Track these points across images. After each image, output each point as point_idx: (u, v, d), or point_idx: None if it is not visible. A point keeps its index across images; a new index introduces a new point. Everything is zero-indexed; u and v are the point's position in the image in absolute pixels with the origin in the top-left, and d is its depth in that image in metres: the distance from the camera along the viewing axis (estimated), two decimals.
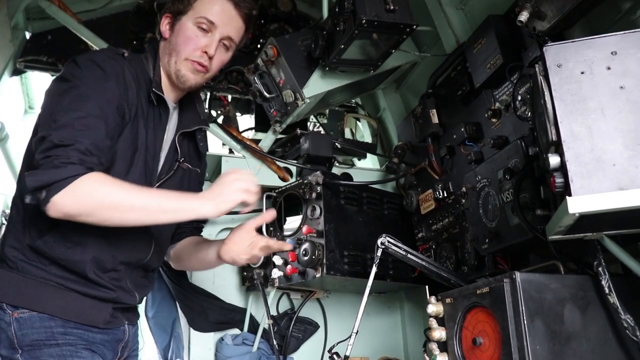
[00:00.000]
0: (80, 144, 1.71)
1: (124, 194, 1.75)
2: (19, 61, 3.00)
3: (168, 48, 2.10)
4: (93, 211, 1.72)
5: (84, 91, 1.82)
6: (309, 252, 2.47)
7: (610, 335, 1.65)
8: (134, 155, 1.96)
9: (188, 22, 2.08)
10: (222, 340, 2.99)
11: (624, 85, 1.41)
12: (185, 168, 2.22)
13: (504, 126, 2.22)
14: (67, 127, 1.73)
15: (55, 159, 1.68)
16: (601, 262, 1.62)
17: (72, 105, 1.79)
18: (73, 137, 1.71)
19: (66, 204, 1.67)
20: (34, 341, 1.80)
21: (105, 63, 1.91)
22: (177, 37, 2.08)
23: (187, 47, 2.07)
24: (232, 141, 2.92)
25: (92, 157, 1.73)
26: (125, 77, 1.94)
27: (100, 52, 2.01)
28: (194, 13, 2.08)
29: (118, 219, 1.76)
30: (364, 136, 3.95)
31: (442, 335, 1.90)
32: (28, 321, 1.80)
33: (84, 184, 1.68)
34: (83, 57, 1.93)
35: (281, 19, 3.37)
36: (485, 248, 2.08)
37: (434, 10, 2.77)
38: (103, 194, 1.71)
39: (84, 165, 1.69)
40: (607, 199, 1.33)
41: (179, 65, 2.08)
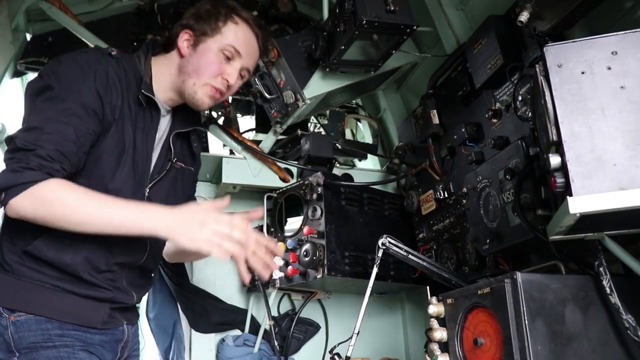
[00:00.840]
0: (41, 150, 1.71)
1: (77, 201, 1.72)
2: (20, 63, 3.01)
3: (186, 68, 2.07)
4: (46, 216, 1.71)
5: (58, 93, 1.81)
6: (309, 253, 2.47)
7: (611, 335, 1.65)
8: (120, 156, 1.94)
9: (214, 46, 2.06)
10: (223, 341, 2.99)
11: (625, 85, 1.41)
12: (179, 167, 2.21)
13: (504, 126, 2.22)
14: (34, 130, 1.74)
15: (16, 162, 1.70)
16: (602, 262, 1.62)
17: (44, 106, 1.79)
18: (36, 142, 1.71)
19: (21, 207, 1.69)
20: (31, 344, 1.79)
21: (87, 65, 1.89)
22: (200, 60, 2.06)
23: (209, 71, 2.05)
24: (233, 142, 2.93)
25: (53, 163, 1.72)
26: (108, 77, 1.92)
27: (85, 53, 1.97)
28: (222, 39, 2.07)
29: (73, 225, 1.73)
30: (364, 137, 3.95)
31: (443, 335, 1.89)
32: (25, 324, 1.80)
33: (40, 190, 1.69)
34: (67, 55, 1.92)
35: (281, 20, 3.37)
36: (486, 248, 2.08)
37: (434, 11, 2.77)
38: (56, 201, 1.70)
39: (42, 171, 1.70)
40: (608, 199, 1.34)
41: (197, 88, 2.06)
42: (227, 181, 2.86)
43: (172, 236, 1.76)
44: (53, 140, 1.73)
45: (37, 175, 1.69)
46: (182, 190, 2.27)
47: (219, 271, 3.11)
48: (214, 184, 3.14)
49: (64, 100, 1.80)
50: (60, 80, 1.83)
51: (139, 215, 1.76)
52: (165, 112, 2.15)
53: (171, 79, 2.10)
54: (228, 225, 1.77)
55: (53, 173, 1.72)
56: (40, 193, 1.69)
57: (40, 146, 1.71)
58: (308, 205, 2.59)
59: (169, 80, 2.10)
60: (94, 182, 1.87)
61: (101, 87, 1.88)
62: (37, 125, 1.75)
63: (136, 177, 2.00)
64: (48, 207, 1.70)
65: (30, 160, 1.69)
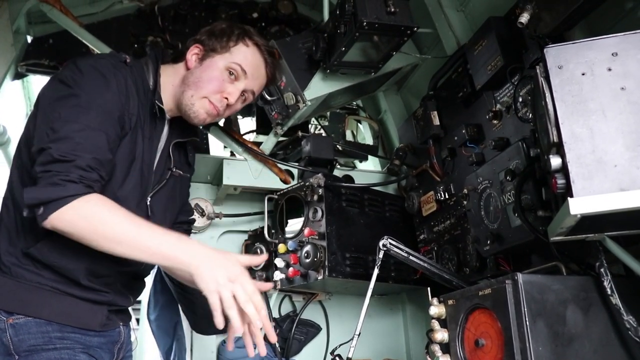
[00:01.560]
0: (80, 160, 1.69)
1: (119, 223, 1.70)
2: (21, 65, 3.01)
3: (189, 80, 2.09)
4: (85, 235, 1.70)
5: (85, 101, 1.79)
6: (310, 255, 2.47)
7: (612, 336, 1.65)
8: (130, 165, 1.95)
9: (220, 62, 2.08)
10: (224, 343, 2.99)
11: (625, 87, 1.41)
12: (177, 175, 2.22)
13: (505, 128, 2.22)
14: (67, 139, 1.71)
15: (54, 175, 1.67)
16: (603, 263, 1.62)
17: (72, 115, 1.76)
18: (73, 152, 1.69)
19: (62, 223, 1.67)
20: (32, 346, 1.78)
21: (109, 71, 1.88)
22: (203, 73, 2.07)
23: (210, 86, 2.07)
24: (234, 144, 2.93)
25: (93, 172, 1.71)
26: (127, 86, 1.92)
27: (104, 59, 1.96)
28: (230, 57, 2.09)
29: (108, 246, 1.72)
30: (365, 138, 3.96)
31: (444, 337, 1.89)
32: (24, 327, 1.79)
33: (82, 207, 1.67)
34: (85, 61, 1.90)
35: (282, 21, 3.38)
36: (487, 249, 2.08)
37: (435, 12, 2.77)
38: (99, 219, 1.69)
39: (83, 184, 1.68)
40: (609, 200, 1.34)
41: (194, 100, 2.07)
42: (228, 183, 2.86)
43: (196, 277, 1.72)
44: (89, 149, 1.72)
45: (79, 189, 1.67)
46: (179, 198, 2.29)
47: None
48: (214, 186, 3.14)
49: (91, 109, 1.78)
50: (85, 87, 1.81)
51: (176, 245, 1.74)
52: (166, 121, 2.16)
53: (173, 89, 2.11)
54: (249, 294, 1.72)
55: (93, 185, 1.71)
56: (83, 209, 1.67)
57: (78, 156, 1.69)
58: (309, 206, 2.59)
59: (171, 91, 2.11)
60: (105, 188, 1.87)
61: (123, 96, 1.89)
62: (69, 135, 1.71)
63: (142, 186, 2.01)
64: (89, 224, 1.68)
65: (70, 172, 1.67)
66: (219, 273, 1.71)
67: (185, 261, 1.72)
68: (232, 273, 1.72)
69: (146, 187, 2.04)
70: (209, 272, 1.71)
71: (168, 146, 2.15)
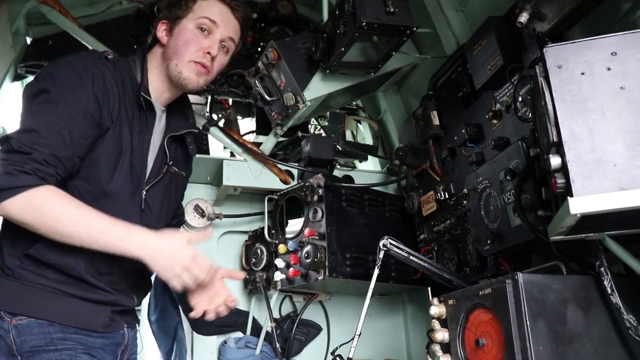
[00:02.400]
0: (37, 153, 1.72)
1: (67, 214, 1.74)
2: (20, 66, 3.01)
3: (167, 52, 2.11)
4: (35, 223, 1.73)
5: (55, 96, 1.82)
6: (311, 255, 2.47)
7: (612, 335, 1.65)
8: (118, 159, 1.96)
9: (188, 24, 2.10)
10: (225, 344, 2.99)
11: (624, 86, 1.41)
12: (173, 172, 2.22)
13: (504, 127, 2.22)
14: (30, 132, 1.75)
15: (10, 164, 1.70)
16: (603, 262, 1.62)
17: (40, 109, 1.80)
18: (32, 145, 1.72)
19: (12, 210, 1.71)
20: (33, 347, 1.79)
21: (83, 68, 1.90)
22: (177, 40, 2.09)
23: (189, 48, 2.09)
24: (234, 144, 2.93)
25: (48, 167, 1.73)
26: (105, 81, 1.93)
27: (81, 57, 1.98)
28: (194, 15, 2.11)
29: (59, 236, 1.75)
30: (365, 138, 3.95)
31: (444, 336, 1.90)
32: (27, 327, 1.80)
33: (33, 196, 1.70)
34: (63, 59, 1.93)
35: (281, 21, 3.38)
36: (487, 249, 2.08)
37: (434, 12, 2.77)
38: (48, 209, 1.72)
39: (37, 176, 1.71)
40: (609, 200, 1.34)
41: (180, 67, 2.08)
42: (227, 183, 2.86)
43: (151, 265, 1.82)
44: (49, 144, 1.74)
45: (31, 180, 1.70)
46: (174, 196, 2.29)
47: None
48: (214, 187, 3.14)
49: (60, 104, 1.81)
50: (57, 83, 1.84)
51: (125, 238, 1.80)
52: (161, 112, 2.17)
53: (158, 70, 2.13)
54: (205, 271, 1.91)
55: (47, 178, 1.73)
56: (33, 199, 1.70)
57: (36, 150, 1.72)
58: (309, 207, 2.59)
59: (157, 73, 2.13)
60: (92, 184, 1.90)
61: (99, 91, 1.90)
62: (33, 128, 1.76)
63: (134, 180, 2.01)
64: (38, 214, 1.72)
65: (25, 164, 1.70)
66: (172, 262, 1.83)
67: (137, 253, 1.81)
68: (185, 259, 1.85)
69: (139, 181, 2.04)
70: (164, 263, 1.83)
71: (164, 139, 2.16)
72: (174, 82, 2.11)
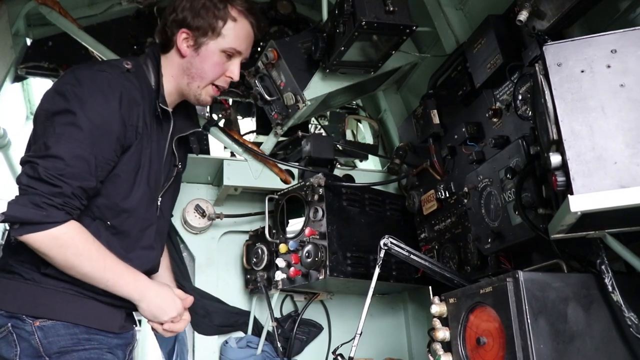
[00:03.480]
0: (67, 187, 1.71)
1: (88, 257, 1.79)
2: (20, 68, 3.01)
3: (190, 71, 2.09)
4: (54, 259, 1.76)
5: (81, 119, 1.77)
6: (311, 254, 2.47)
7: (614, 333, 1.65)
8: (136, 174, 1.96)
9: (215, 47, 2.08)
10: (226, 344, 2.99)
11: (624, 83, 1.41)
12: (179, 170, 2.25)
13: (505, 126, 2.22)
14: (56, 159, 1.71)
15: (38, 195, 1.69)
16: (604, 260, 1.62)
17: (64, 131, 1.75)
18: (60, 176, 1.70)
19: (36, 244, 1.72)
20: (62, 348, 1.81)
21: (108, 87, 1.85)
22: (204, 63, 2.08)
23: (214, 73, 2.10)
24: (234, 144, 2.93)
25: (75, 200, 1.74)
26: (129, 99, 1.90)
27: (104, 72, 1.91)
28: (224, 42, 2.09)
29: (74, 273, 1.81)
30: (365, 138, 3.95)
31: (446, 335, 1.89)
32: (52, 329, 1.81)
33: (59, 233, 1.72)
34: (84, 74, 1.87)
35: (281, 21, 3.38)
36: (487, 248, 2.08)
37: (434, 11, 2.77)
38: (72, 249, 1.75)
39: (65, 211, 1.72)
40: (609, 197, 1.34)
41: (201, 90, 2.11)
42: (228, 183, 2.86)
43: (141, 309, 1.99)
44: (76, 174, 1.73)
45: (60, 216, 1.70)
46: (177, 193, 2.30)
47: (221, 273, 3.11)
48: (215, 187, 3.14)
49: (85, 128, 1.77)
50: (82, 104, 1.78)
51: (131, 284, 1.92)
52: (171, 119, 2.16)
53: (174, 80, 2.10)
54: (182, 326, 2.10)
55: (73, 212, 1.74)
56: (60, 236, 1.72)
57: (65, 182, 1.70)
58: (309, 206, 2.59)
59: (173, 82, 2.10)
60: (112, 201, 1.91)
61: (125, 111, 1.86)
62: (59, 155, 1.71)
63: (151, 191, 2.04)
64: (62, 250, 1.74)
65: (55, 197, 1.69)
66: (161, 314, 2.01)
67: (134, 298, 1.96)
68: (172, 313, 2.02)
69: (155, 192, 2.06)
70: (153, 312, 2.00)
71: (171, 142, 2.16)
72: (187, 96, 2.13)
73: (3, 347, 1.82)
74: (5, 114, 3.39)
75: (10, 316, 1.82)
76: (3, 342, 1.82)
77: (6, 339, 1.81)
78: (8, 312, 1.83)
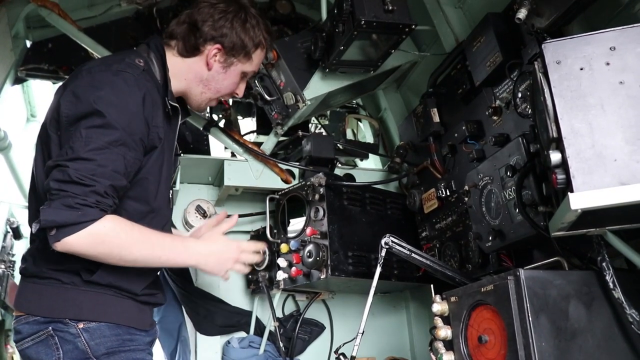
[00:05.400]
0: (99, 185, 1.68)
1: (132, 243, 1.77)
2: (20, 70, 3.01)
3: (208, 81, 2.09)
4: (101, 255, 1.73)
5: (108, 121, 1.74)
6: (313, 254, 2.47)
7: (615, 330, 1.65)
8: (160, 177, 1.97)
9: (240, 69, 2.11)
10: (228, 344, 3.00)
11: (624, 81, 1.41)
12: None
13: (505, 124, 2.22)
14: (86, 161, 1.68)
15: (71, 197, 1.65)
16: (605, 257, 1.62)
17: (92, 134, 1.72)
18: (92, 176, 1.67)
19: (76, 246, 1.67)
20: (110, 349, 1.81)
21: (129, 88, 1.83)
22: (226, 80, 2.11)
23: (229, 90, 2.15)
24: (234, 144, 2.93)
25: (108, 199, 1.71)
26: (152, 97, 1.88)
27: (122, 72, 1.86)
28: (250, 65, 2.13)
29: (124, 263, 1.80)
30: (365, 137, 3.96)
31: (447, 333, 1.90)
32: (97, 330, 1.81)
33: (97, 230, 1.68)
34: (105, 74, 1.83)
35: (280, 21, 3.37)
36: (489, 246, 2.09)
37: (433, 10, 2.77)
38: (115, 241, 1.73)
39: (99, 208, 1.68)
40: (609, 195, 1.34)
41: (210, 101, 2.16)
42: (229, 184, 2.86)
43: (204, 269, 2.01)
44: (107, 174, 1.70)
45: (96, 214, 1.67)
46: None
47: None
48: (216, 187, 3.14)
49: (113, 129, 1.74)
50: (108, 107, 1.76)
51: (183, 252, 1.92)
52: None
53: (186, 83, 2.09)
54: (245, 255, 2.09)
55: (107, 209, 1.71)
56: (99, 232, 1.68)
57: (97, 182, 1.68)
58: (310, 206, 2.60)
59: (183, 84, 2.09)
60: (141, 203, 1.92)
61: (148, 112, 1.85)
62: (88, 157, 1.69)
63: (168, 187, 2.07)
64: (106, 246, 1.72)
65: (88, 197, 1.66)
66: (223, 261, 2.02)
67: (193, 263, 2.02)
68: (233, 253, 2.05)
69: (170, 186, 2.10)
70: (216, 264, 2.01)
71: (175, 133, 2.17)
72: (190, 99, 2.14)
73: (42, 352, 1.80)
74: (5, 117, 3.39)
75: (50, 321, 1.80)
76: (41, 347, 1.80)
77: (46, 343, 1.79)
78: (46, 317, 1.80)
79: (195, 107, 2.17)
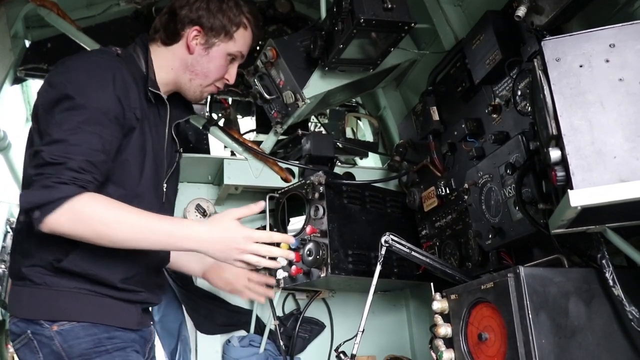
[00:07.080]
0: (72, 162, 1.67)
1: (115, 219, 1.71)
2: (20, 70, 3.01)
3: (195, 68, 2.09)
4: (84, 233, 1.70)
5: (78, 102, 1.75)
6: (313, 252, 2.47)
7: (615, 327, 1.65)
8: (144, 160, 1.95)
9: (224, 50, 2.10)
10: (228, 343, 3.00)
11: (623, 78, 1.41)
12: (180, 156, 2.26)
13: (504, 121, 2.22)
14: (59, 142, 1.69)
15: (46, 177, 1.65)
16: (605, 254, 1.62)
17: (64, 117, 1.73)
18: (65, 154, 1.67)
19: (57, 224, 1.66)
20: (84, 351, 1.78)
21: (102, 69, 1.85)
22: (210, 63, 2.10)
23: (217, 74, 2.13)
24: (234, 143, 2.93)
25: (85, 174, 1.69)
26: (125, 81, 1.89)
27: (94, 57, 1.93)
28: (233, 45, 2.12)
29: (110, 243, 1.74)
30: (365, 135, 3.96)
31: (447, 331, 1.90)
32: (71, 332, 1.78)
33: (76, 206, 1.65)
34: (74, 62, 1.87)
35: (279, 20, 3.38)
36: (488, 244, 2.09)
37: (432, 8, 2.77)
38: (95, 218, 1.69)
39: (76, 184, 1.67)
40: (609, 192, 1.34)
41: (202, 88, 2.14)
42: (229, 182, 2.86)
43: (208, 254, 1.84)
44: (81, 151, 1.69)
45: (71, 190, 1.65)
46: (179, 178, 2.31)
47: None
48: (215, 186, 3.14)
49: (85, 109, 1.75)
50: (78, 88, 1.77)
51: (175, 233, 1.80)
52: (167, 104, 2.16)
53: (174, 73, 2.10)
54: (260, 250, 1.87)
55: (86, 185, 1.69)
56: (77, 209, 1.66)
57: (70, 158, 1.67)
58: (310, 204, 2.60)
59: (172, 74, 2.10)
60: (124, 188, 1.89)
61: (120, 92, 1.85)
62: (61, 138, 1.69)
63: (156, 176, 2.04)
64: (86, 223, 1.68)
65: (62, 174, 1.65)
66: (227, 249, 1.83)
67: (190, 247, 1.84)
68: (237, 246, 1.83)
69: (160, 176, 2.07)
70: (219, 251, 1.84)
71: (171, 128, 2.16)
72: (185, 91, 2.14)
73: (27, 355, 1.79)
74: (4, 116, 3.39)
75: (29, 322, 1.79)
76: (26, 350, 1.80)
77: (28, 346, 1.79)
78: (25, 319, 1.80)
79: (191, 97, 2.17)
